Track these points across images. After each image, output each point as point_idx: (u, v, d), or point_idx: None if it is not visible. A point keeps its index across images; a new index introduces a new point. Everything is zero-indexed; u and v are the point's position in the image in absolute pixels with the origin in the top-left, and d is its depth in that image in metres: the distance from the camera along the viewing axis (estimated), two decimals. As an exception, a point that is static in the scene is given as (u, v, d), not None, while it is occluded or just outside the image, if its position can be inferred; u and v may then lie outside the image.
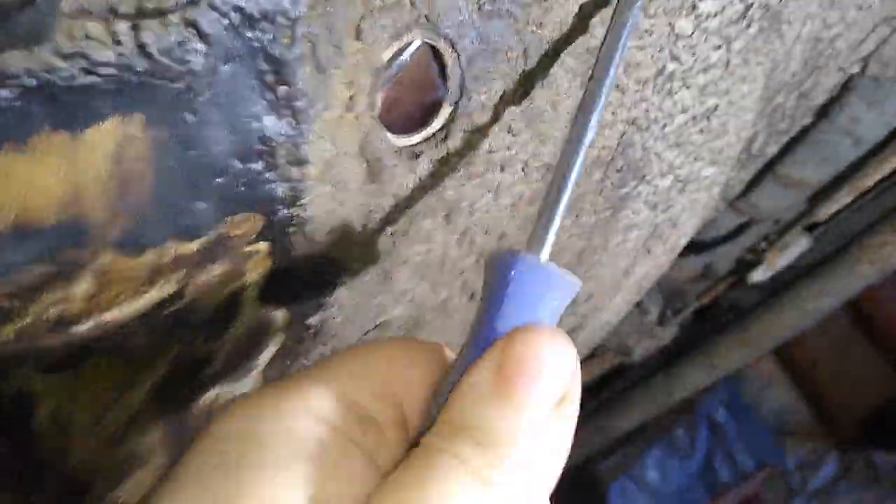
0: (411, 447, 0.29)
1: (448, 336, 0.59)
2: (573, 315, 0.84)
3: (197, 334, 0.40)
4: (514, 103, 0.42)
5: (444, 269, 0.51)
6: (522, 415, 0.26)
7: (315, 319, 0.45)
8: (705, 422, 2.34)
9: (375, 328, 0.51)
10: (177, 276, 0.32)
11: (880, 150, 0.98)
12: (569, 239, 0.62)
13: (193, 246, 0.31)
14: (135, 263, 0.30)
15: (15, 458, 0.39)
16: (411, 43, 0.35)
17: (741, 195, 1.07)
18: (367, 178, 0.37)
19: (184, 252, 0.31)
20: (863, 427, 2.38)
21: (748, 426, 2.37)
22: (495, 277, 0.30)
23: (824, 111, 0.90)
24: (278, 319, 0.43)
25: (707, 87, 0.57)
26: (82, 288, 0.29)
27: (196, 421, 0.47)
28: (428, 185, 0.42)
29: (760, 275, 1.30)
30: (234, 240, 0.33)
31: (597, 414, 1.83)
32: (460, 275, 0.53)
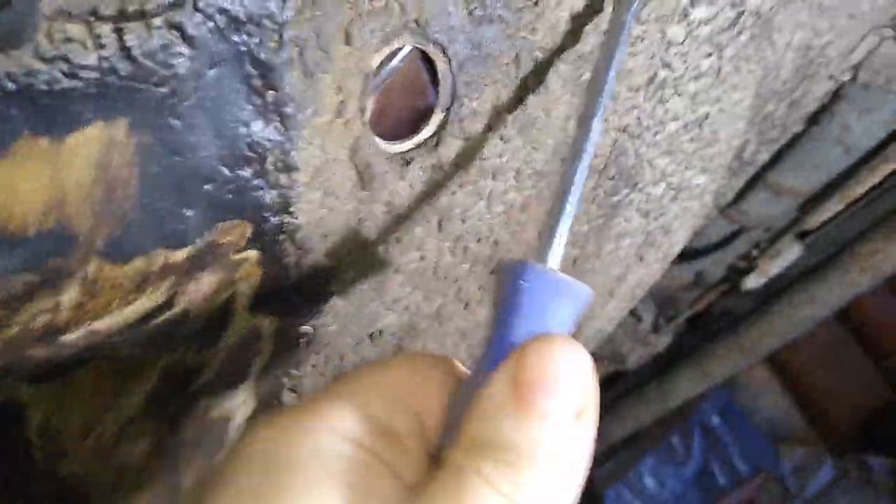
0: (431, 458, 0.29)
1: (443, 344, 0.59)
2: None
3: (188, 344, 0.39)
4: (506, 110, 0.42)
5: (438, 277, 0.50)
6: (543, 429, 0.26)
7: (308, 328, 0.44)
8: (699, 428, 2.34)
9: (369, 336, 0.50)
10: (166, 285, 0.32)
11: (871, 157, 0.98)
12: (562, 247, 0.61)
13: (182, 254, 0.31)
14: (122, 271, 0.29)
15: (2, 465, 0.39)
16: (401, 48, 0.34)
17: (733, 203, 1.07)
18: (357, 184, 0.37)
19: (172, 260, 0.31)
20: (856, 432, 2.39)
21: (742, 432, 2.37)
22: (506, 287, 0.30)
23: (815, 119, 0.91)
24: (270, 328, 0.42)
25: (698, 95, 0.57)
26: (69, 297, 0.28)
27: (189, 431, 0.46)
28: (420, 192, 0.41)
29: (753, 282, 1.31)
30: (223, 247, 0.33)
31: (591, 422, 1.82)
32: (454, 282, 0.52)
